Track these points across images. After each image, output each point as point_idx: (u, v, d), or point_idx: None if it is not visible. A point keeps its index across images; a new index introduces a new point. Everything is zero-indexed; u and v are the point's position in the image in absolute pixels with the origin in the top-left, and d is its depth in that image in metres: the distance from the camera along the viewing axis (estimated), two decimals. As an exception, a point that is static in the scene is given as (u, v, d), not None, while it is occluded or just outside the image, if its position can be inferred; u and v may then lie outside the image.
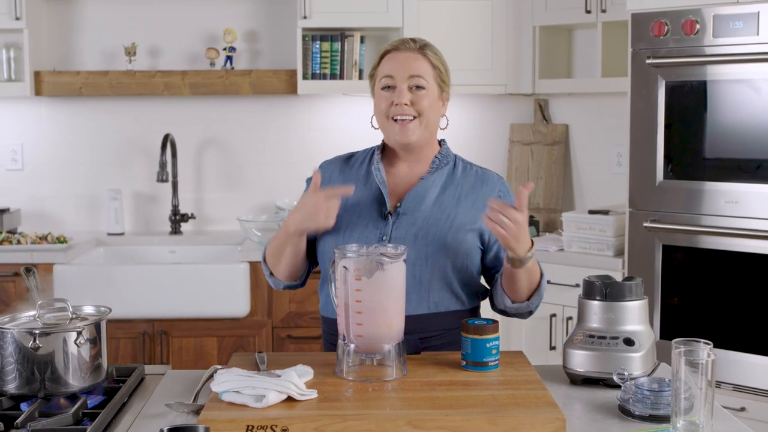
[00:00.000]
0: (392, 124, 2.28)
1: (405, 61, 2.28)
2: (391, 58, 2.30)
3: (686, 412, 1.76)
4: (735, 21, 3.34)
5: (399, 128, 2.27)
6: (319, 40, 4.34)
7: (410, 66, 2.27)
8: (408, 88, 2.27)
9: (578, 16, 4.15)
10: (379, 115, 2.32)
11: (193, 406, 1.92)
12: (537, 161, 4.59)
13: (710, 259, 3.47)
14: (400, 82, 2.27)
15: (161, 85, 4.42)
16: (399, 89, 2.26)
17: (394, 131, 2.28)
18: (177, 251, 4.42)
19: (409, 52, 2.29)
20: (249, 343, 4.02)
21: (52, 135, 4.58)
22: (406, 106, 2.26)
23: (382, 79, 2.29)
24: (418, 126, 2.28)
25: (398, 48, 2.30)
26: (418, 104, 2.26)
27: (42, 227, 4.51)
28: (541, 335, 4.02)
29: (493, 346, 2.08)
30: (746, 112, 3.37)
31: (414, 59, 2.28)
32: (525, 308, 2.30)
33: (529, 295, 2.27)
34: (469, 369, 2.07)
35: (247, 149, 4.64)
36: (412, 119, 2.27)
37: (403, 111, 2.26)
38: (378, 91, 2.31)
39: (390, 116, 2.27)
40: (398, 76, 2.27)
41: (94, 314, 2.07)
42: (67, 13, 4.53)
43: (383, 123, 2.31)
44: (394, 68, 2.28)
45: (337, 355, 2.06)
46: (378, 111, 2.32)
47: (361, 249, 2.06)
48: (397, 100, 2.26)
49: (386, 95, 2.28)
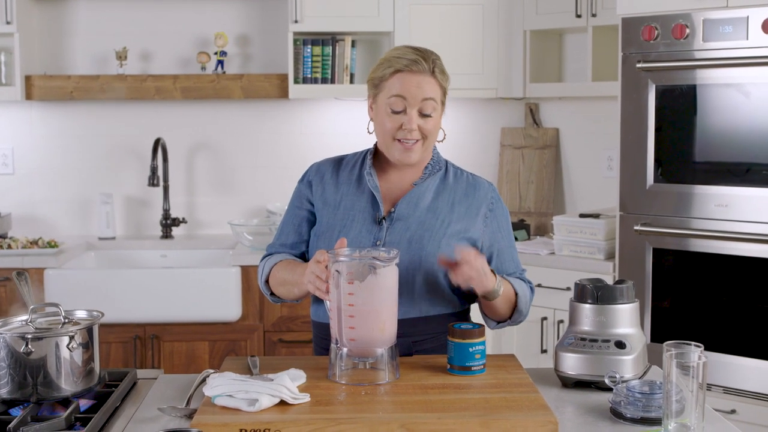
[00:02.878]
0: (396, 144, 2.26)
1: (419, 85, 2.22)
2: (404, 78, 2.23)
3: (677, 415, 1.77)
4: (724, 25, 3.35)
5: (403, 149, 2.25)
6: (311, 45, 4.34)
7: (423, 90, 2.23)
8: (418, 112, 2.23)
9: (569, 21, 4.16)
10: (383, 133, 2.28)
11: (186, 410, 1.93)
12: (528, 165, 4.60)
13: (700, 262, 3.48)
14: (412, 107, 2.23)
15: (152, 90, 4.42)
16: (410, 115, 2.23)
17: (397, 151, 2.26)
18: (168, 255, 4.42)
19: (423, 75, 2.23)
20: (240, 347, 4.02)
21: (43, 139, 4.57)
22: (414, 131, 2.24)
23: (393, 98, 2.23)
24: (421, 147, 2.27)
25: (412, 69, 2.23)
26: (424, 128, 2.25)
27: (33, 232, 4.50)
28: (532, 338, 4.03)
29: (478, 350, 2.08)
30: (736, 116, 3.38)
31: (427, 82, 2.23)
32: (510, 324, 2.36)
33: (510, 312, 2.31)
34: (454, 373, 2.08)
35: (238, 153, 4.64)
36: (416, 142, 2.25)
37: (411, 136, 2.24)
38: (384, 107, 2.25)
39: (396, 138, 2.25)
40: (411, 100, 2.22)
41: (86, 319, 2.07)
42: (58, 17, 4.53)
43: (386, 141, 2.27)
44: (407, 91, 2.22)
45: (330, 358, 2.06)
46: (382, 128, 2.27)
47: (353, 253, 2.06)
48: (408, 125, 2.22)
49: (395, 117, 2.24)
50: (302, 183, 2.42)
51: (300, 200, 2.40)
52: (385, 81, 2.25)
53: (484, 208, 2.33)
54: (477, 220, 2.31)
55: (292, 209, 2.41)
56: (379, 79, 2.27)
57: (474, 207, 2.31)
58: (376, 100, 2.29)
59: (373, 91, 2.30)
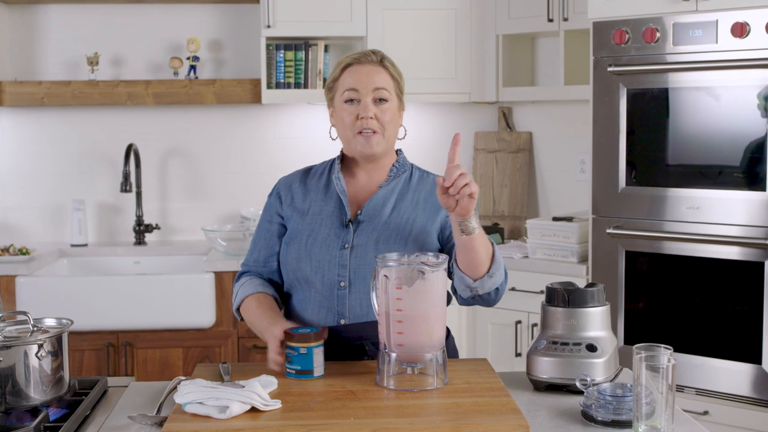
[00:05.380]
0: (357, 137, 2.29)
1: (369, 74, 2.30)
2: (353, 71, 2.31)
3: (648, 417, 1.78)
4: (694, 29, 3.38)
5: (364, 141, 2.29)
6: (283, 49, 4.34)
7: (374, 79, 2.30)
8: (372, 101, 2.29)
9: (540, 25, 4.18)
10: (343, 128, 2.32)
11: (156, 418, 1.92)
12: (501, 169, 4.61)
13: (673, 264, 3.50)
14: (365, 96, 2.28)
15: (124, 95, 4.40)
16: (364, 103, 2.28)
17: (359, 143, 2.30)
18: (141, 262, 4.39)
19: (371, 65, 2.31)
20: (215, 353, 4.00)
21: (15, 145, 4.54)
22: (371, 119, 2.28)
23: (346, 92, 2.30)
24: (381, 139, 2.31)
25: (360, 61, 2.31)
26: (381, 117, 2.29)
27: (4, 239, 4.47)
28: (506, 342, 4.04)
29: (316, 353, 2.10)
30: (707, 119, 3.41)
31: (376, 72, 2.31)
32: (488, 282, 2.19)
33: (488, 265, 2.18)
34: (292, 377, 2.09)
35: (211, 159, 4.63)
36: (374, 133, 2.29)
37: (369, 125, 2.28)
38: (340, 104, 2.32)
39: (356, 130, 2.29)
40: (363, 90, 2.28)
41: (55, 327, 2.06)
42: (30, 23, 4.50)
43: (347, 136, 2.32)
44: (358, 81, 2.29)
45: (378, 364, 2.05)
46: (342, 124, 2.32)
47: (402, 258, 2.06)
48: (363, 114, 2.27)
49: (351, 109, 2.29)
50: (271, 197, 2.45)
51: (270, 214, 2.43)
52: (336, 80, 2.33)
53: None
54: (441, 210, 2.32)
55: (263, 224, 2.44)
56: (332, 80, 2.35)
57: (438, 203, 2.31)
58: (333, 103, 2.35)
59: (329, 95, 2.37)
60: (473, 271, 2.18)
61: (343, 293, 2.27)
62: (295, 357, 2.09)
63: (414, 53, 4.30)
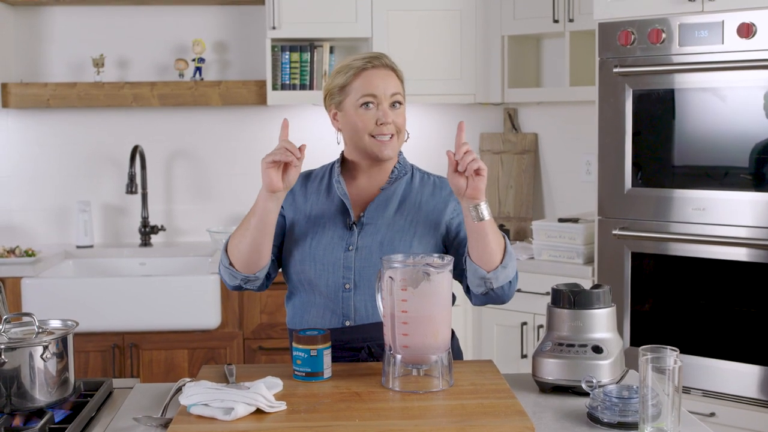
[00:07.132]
0: (374, 141, 2.29)
1: (385, 79, 2.30)
2: (369, 76, 2.30)
3: (654, 419, 1.77)
4: (700, 30, 3.37)
5: (381, 145, 2.29)
6: (289, 51, 4.34)
7: (390, 84, 2.30)
8: (390, 106, 2.30)
9: (546, 26, 4.17)
10: (356, 132, 2.31)
11: (162, 420, 1.91)
12: (507, 170, 4.61)
13: (679, 265, 3.49)
14: (383, 101, 2.29)
15: (130, 97, 4.40)
16: (383, 108, 2.28)
17: (376, 148, 2.30)
18: (147, 263, 4.39)
19: (385, 69, 2.32)
20: (220, 355, 4.00)
21: (20, 147, 4.54)
22: (390, 124, 2.29)
23: (363, 97, 2.28)
24: (396, 142, 2.32)
25: (374, 65, 2.31)
26: (397, 121, 2.30)
27: (10, 240, 4.47)
28: (512, 343, 4.03)
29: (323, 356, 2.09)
30: (713, 120, 3.40)
31: (389, 76, 2.32)
32: (502, 274, 2.18)
33: (501, 257, 2.18)
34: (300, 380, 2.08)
35: (216, 160, 4.63)
36: (391, 136, 2.30)
37: (387, 130, 2.28)
38: (353, 108, 2.30)
39: (375, 134, 2.29)
40: (381, 95, 2.28)
41: (60, 328, 2.06)
42: (35, 25, 4.50)
43: (364, 140, 2.30)
44: (376, 87, 2.28)
45: (383, 366, 2.05)
46: (354, 128, 2.31)
47: (407, 259, 2.06)
48: (384, 119, 2.27)
49: (368, 114, 2.28)
50: None
51: None
52: (349, 85, 2.31)
53: (452, 200, 2.33)
54: (445, 210, 2.33)
55: None
56: (341, 85, 2.32)
57: (441, 202, 2.34)
58: (342, 107, 2.33)
59: (337, 99, 2.34)
60: (486, 262, 2.17)
61: (348, 295, 2.26)
62: (304, 359, 2.08)
63: (419, 54, 4.30)
